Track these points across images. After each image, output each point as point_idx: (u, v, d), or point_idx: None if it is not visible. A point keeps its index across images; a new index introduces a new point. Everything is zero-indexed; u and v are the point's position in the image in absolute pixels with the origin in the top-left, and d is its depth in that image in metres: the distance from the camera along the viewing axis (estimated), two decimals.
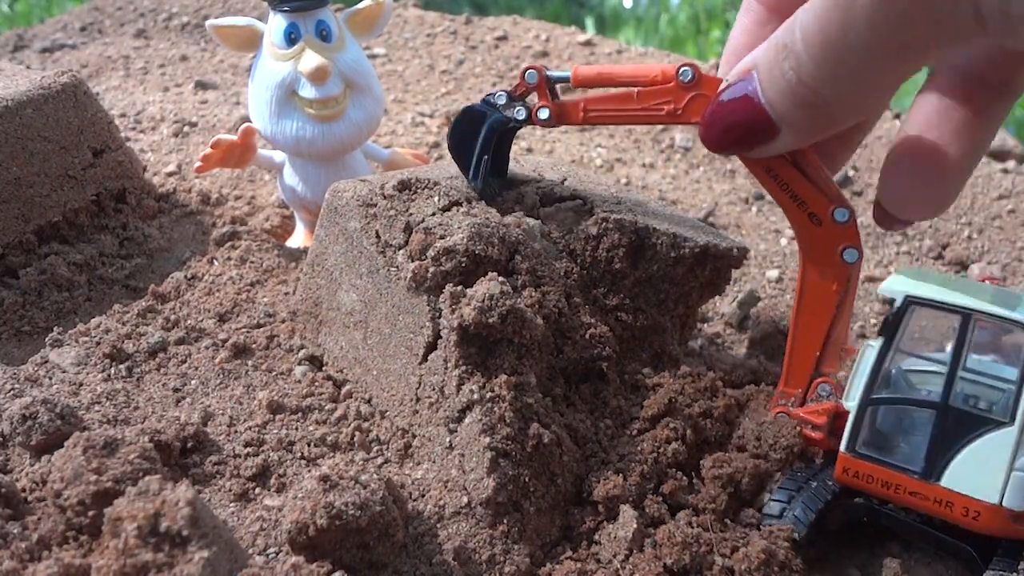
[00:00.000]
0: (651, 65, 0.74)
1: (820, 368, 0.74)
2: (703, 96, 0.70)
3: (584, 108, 0.77)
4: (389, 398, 0.82)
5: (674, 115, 0.72)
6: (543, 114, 0.79)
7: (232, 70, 1.95)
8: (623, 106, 0.75)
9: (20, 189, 1.05)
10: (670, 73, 0.71)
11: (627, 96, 0.74)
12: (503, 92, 0.81)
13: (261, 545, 0.68)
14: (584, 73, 0.76)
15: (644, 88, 0.73)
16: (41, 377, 0.85)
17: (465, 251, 0.75)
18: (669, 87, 0.72)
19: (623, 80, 0.75)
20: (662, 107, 0.72)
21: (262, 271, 1.06)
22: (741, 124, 0.62)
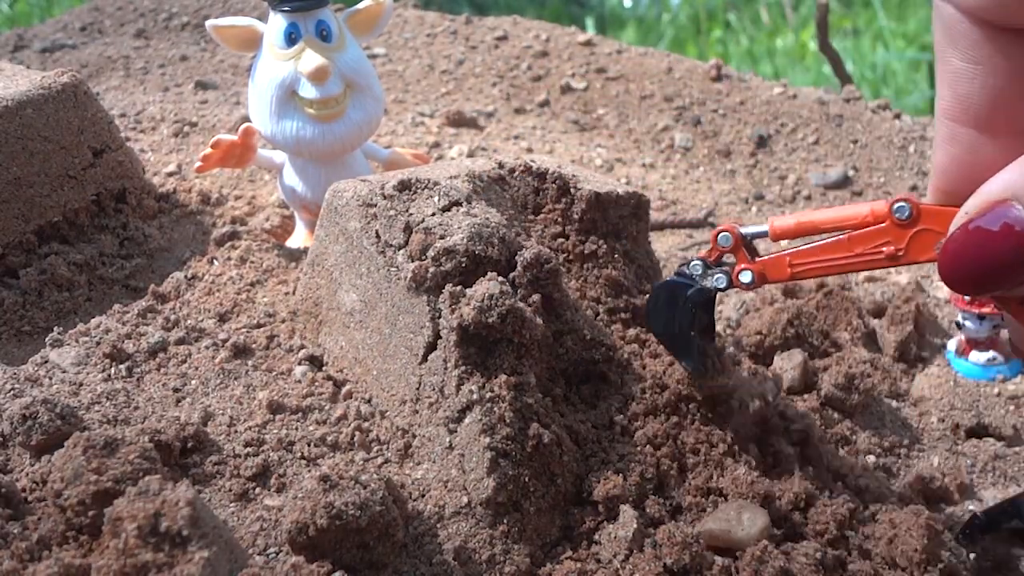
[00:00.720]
0: (857, 207, 0.67)
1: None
2: (929, 231, 0.62)
3: (791, 263, 0.70)
4: (389, 398, 0.82)
5: (896, 257, 0.64)
6: (745, 278, 0.72)
7: (232, 70, 1.96)
8: (836, 255, 0.67)
9: (20, 189, 1.05)
10: (882, 213, 0.64)
11: (839, 244, 0.67)
12: (698, 261, 0.74)
13: (261, 545, 0.69)
14: (783, 227, 0.69)
15: (856, 232, 0.66)
16: (41, 377, 0.85)
17: (465, 251, 0.75)
18: (885, 227, 0.64)
19: (828, 227, 0.68)
20: (880, 250, 0.65)
21: (262, 271, 1.06)
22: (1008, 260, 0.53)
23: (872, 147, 1.77)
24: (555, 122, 1.85)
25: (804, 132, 1.83)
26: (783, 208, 1.61)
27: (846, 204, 0.73)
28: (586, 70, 2.03)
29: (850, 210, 0.67)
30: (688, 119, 1.86)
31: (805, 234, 0.69)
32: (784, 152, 1.78)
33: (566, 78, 1.99)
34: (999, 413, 1.01)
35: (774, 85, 2.01)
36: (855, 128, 1.84)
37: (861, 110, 1.89)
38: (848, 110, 1.89)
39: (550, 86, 1.98)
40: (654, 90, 1.95)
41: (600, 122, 1.86)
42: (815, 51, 3.17)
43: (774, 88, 1.98)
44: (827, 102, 1.92)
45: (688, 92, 1.94)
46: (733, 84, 1.98)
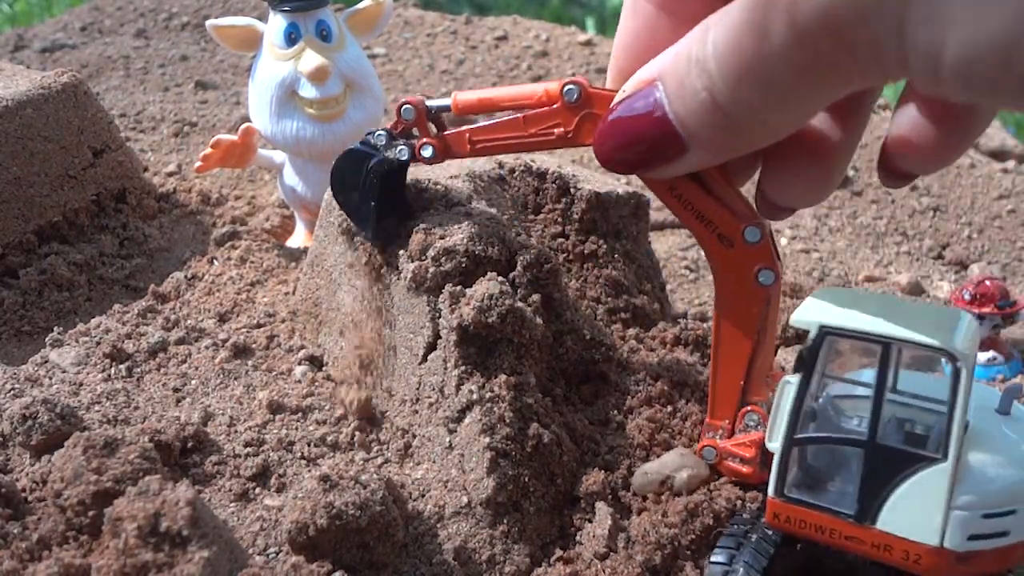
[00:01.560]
0: (534, 86, 0.67)
1: (747, 397, 0.68)
2: (595, 115, 0.63)
3: (470, 139, 0.71)
4: (389, 398, 0.82)
5: (566, 138, 0.65)
6: (426, 152, 0.73)
7: (232, 70, 1.96)
8: (512, 133, 0.68)
9: (20, 189, 1.05)
10: (554, 93, 0.65)
11: (515, 122, 0.68)
12: (383, 131, 0.74)
13: (261, 545, 0.68)
14: (465, 101, 0.70)
15: (531, 112, 0.67)
16: (41, 377, 0.85)
17: (465, 251, 0.75)
18: (556, 108, 0.65)
19: (506, 104, 0.68)
20: (552, 131, 0.66)
21: (262, 271, 1.06)
22: (644, 140, 0.55)
23: (872, 147, 1.77)
24: None
25: None
26: None
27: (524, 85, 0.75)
28: (586, 70, 2.03)
29: (527, 89, 0.67)
30: None
31: (486, 110, 0.70)
32: None
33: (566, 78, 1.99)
34: None
35: None
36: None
37: None
38: None
39: None
40: None
41: None
42: None
43: None
44: None
45: None
46: None
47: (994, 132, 1.84)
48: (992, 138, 1.82)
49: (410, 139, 0.74)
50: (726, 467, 0.69)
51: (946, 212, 1.58)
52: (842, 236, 1.51)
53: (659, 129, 0.54)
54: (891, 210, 1.59)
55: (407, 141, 0.74)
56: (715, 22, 0.50)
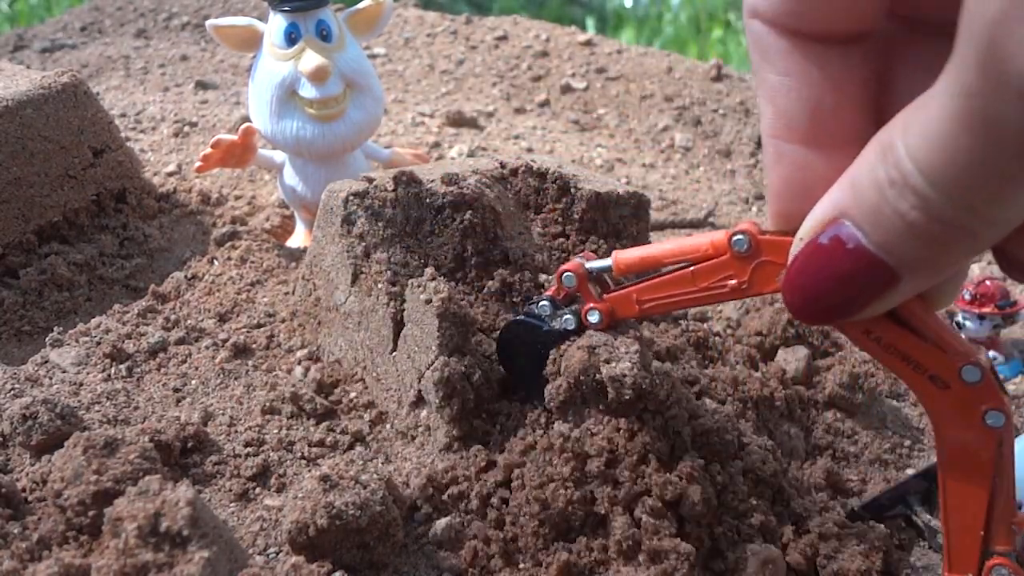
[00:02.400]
0: (697, 239, 0.64)
1: (990, 547, 0.62)
2: (770, 263, 0.60)
3: (637, 300, 0.67)
4: (389, 398, 0.82)
5: (742, 290, 0.62)
6: (593, 318, 0.70)
7: (232, 70, 1.96)
8: (681, 289, 0.65)
9: (20, 189, 1.05)
10: (722, 244, 0.61)
11: (683, 278, 0.64)
12: (546, 302, 0.72)
13: (261, 545, 0.68)
14: (626, 260, 0.67)
15: (699, 266, 0.63)
16: (41, 377, 0.85)
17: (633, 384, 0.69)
18: (726, 260, 0.61)
19: (670, 260, 0.65)
20: (725, 283, 0.62)
21: (262, 271, 1.06)
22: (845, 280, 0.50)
23: None
24: (555, 122, 1.84)
25: None
26: None
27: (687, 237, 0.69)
28: (586, 70, 2.03)
29: (691, 242, 0.64)
30: (688, 119, 1.86)
31: (648, 268, 0.67)
32: None
33: (566, 78, 1.99)
34: None
35: None
36: None
37: None
38: None
39: (550, 86, 1.98)
40: (654, 90, 1.95)
41: (600, 122, 1.86)
42: None
43: None
44: None
45: (688, 92, 1.94)
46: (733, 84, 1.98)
47: None
48: None
49: (575, 305, 0.71)
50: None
51: None
52: None
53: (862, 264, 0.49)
54: None
55: (572, 308, 0.71)
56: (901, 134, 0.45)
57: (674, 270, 0.65)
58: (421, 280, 0.78)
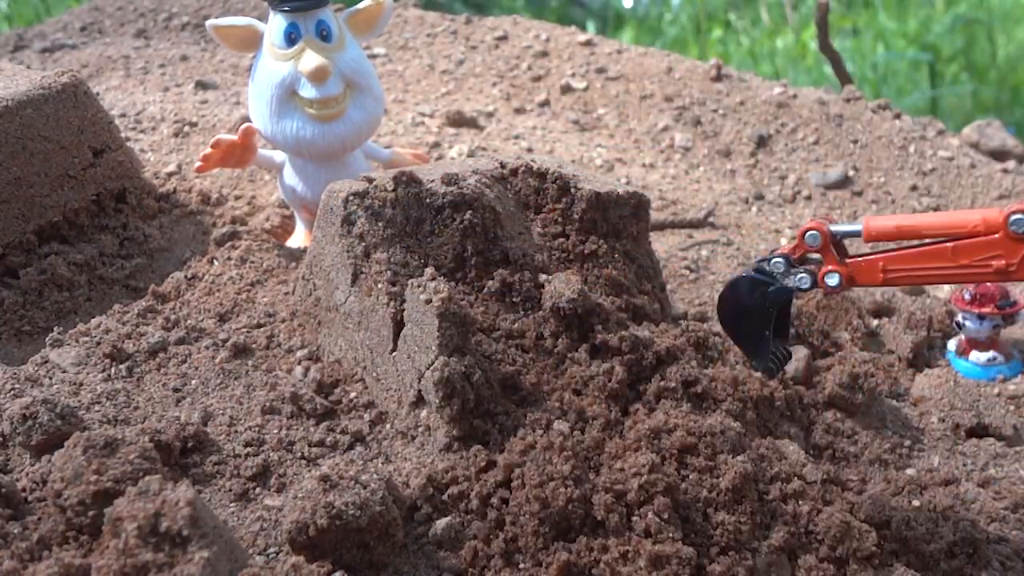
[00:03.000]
0: (967, 214, 0.62)
1: None
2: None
3: (884, 268, 0.65)
4: (389, 398, 0.82)
5: (1007, 273, 0.60)
6: (832, 280, 0.67)
7: (232, 70, 1.96)
8: (936, 264, 0.63)
9: (20, 189, 1.05)
10: (996, 222, 0.59)
11: (941, 252, 0.62)
12: (780, 259, 0.69)
13: (261, 545, 0.68)
14: (879, 227, 0.65)
15: (962, 242, 0.61)
16: (41, 377, 0.85)
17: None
18: (997, 239, 0.60)
19: (931, 233, 0.63)
20: (989, 263, 0.60)
21: (262, 271, 1.06)
22: None
23: (872, 147, 1.77)
24: (555, 122, 1.84)
25: (804, 132, 1.83)
26: (783, 208, 1.61)
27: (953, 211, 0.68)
28: (586, 70, 2.03)
29: (958, 216, 0.62)
30: (688, 119, 1.86)
31: (904, 238, 0.65)
32: (784, 152, 1.78)
33: (566, 78, 1.99)
34: (999, 413, 1.01)
35: (774, 85, 2.01)
36: (855, 128, 1.84)
37: (861, 110, 1.89)
38: (848, 110, 1.89)
39: (550, 86, 1.98)
40: (654, 90, 1.95)
41: (600, 122, 1.86)
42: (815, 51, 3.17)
43: (774, 88, 1.98)
44: (827, 102, 1.92)
45: (688, 92, 1.94)
46: (733, 84, 1.98)
47: (994, 132, 1.84)
48: (992, 138, 1.82)
49: (810, 265, 0.69)
50: None
51: None
52: None
53: None
54: (891, 210, 1.59)
55: (807, 268, 0.69)
56: None
57: (931, 243, 0.63)
58: (421, 280, 0.78)
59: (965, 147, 1.80)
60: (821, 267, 0.68)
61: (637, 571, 0.65)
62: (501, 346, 0.82)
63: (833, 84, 2.64)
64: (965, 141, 1.83)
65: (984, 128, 1.84)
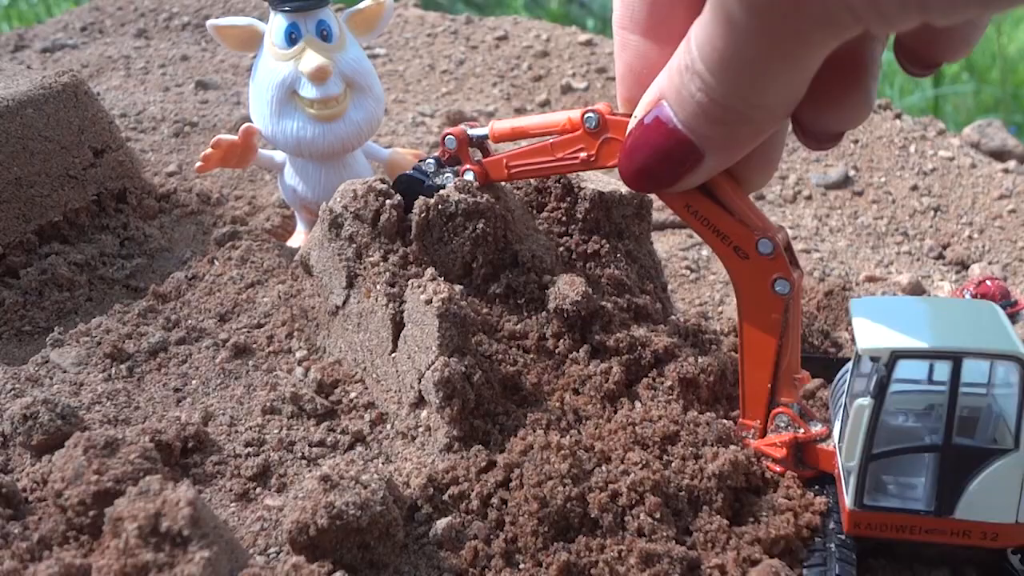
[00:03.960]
0: (559, 114, 0.73)
1: (776, 398, 0.72)
2: (614, 140, 0.69)
3: (507, 165, 0.78)
4: (389, 398, 0.82)
5: (589, 162, 0.71)
6: (469, 177, 0.82)
7: (232, 70, 1.96)
8: (542, 158, 0.75)
9: (21, 189, 1.05)
10: (576, 121, 0.71)
11: (544, 148, 0.74)
12: (432, 160, 0.83)
13: (262, 545, 0.68)
14: (500, 129, 0.77)
15: (558, 138, 0.73)
16: (42, 377, 0.85)
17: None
18: (579, 134, 0.71)
19: (535, 132, 0.75)
20: (577, 155, 0.72)
21: (262, 271, 1.06)
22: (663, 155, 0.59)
23: (872, 147, 1.77)
24: None
25: None
26: (783, 208, 1.61)
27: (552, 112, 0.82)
28: (586, 70, 2.03)
29: (553, 117, 0.73)
30: None
31: (518, 137, 0.76)
32: (784, 152, 1.78)
33: (566, 78, 1.99)
34: None
35: None
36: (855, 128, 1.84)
37: None
38: None
39: (550, 86, 1.98)
40: None
41: None
42: None
43: None
44: None
45: None
46: None
47: (995, 132, 1.84)
48: (993, 138, 1.82)
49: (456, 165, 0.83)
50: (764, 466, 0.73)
51: (947, 212, 1.58)
52: (843, 236, 1.51)
53: (674, 141, 0.57)
54: (891, 210, 1.59)
55: (452, 168, 0.83)
56: (694, 27, 0.52)
57: (538, 141, 0.75)
58: (421, 281, 0.78)
59: (966, 147, 1.80)
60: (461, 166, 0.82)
61: (629, 570, 0.65)
62: (503, 346, 0.82)
63: None
64: (966, 141, 1.83)
65: (985, 128, 1.84)
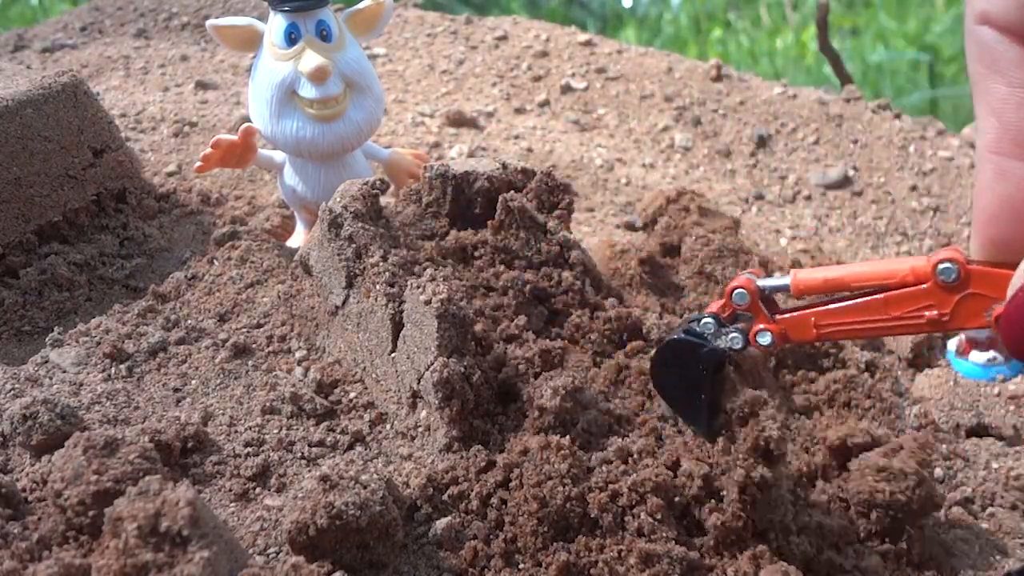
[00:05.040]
0: (897, 263, 0.60)
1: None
2: (978, 296, 0.56)
3: (816, 324, 0.63)
4: (388, 398, 0.82)
5: (939, 323, 0.58)
6: (764, 340, 0.65)
7: (232, 70, 1.96)
8: (869, 317, 0.61)
9: (20, 189, 1.05)
10: (924, 272, 0.57)
11: (873, 305, 0.60)
12: (710, 319, 0.67)
13: (261, 545, 0.68)
14: (807, 281, 0.62)
15: (893, 293, 0.59)
16: (41, 377, 0.85)
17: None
18: (927, 289, 0.58)
19: (859, 285, 0.61)
20: (922, 314, 0.58)
21: (262, 271, 1.06)
22: None
23: (872, 147, 1.78)
24: (555, 122, 1.84)
25: (804, 132, 1.83)
26: (783, 208, 1.61)
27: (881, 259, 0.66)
28: (586, 70, 2.03)
29: (886, 267, 0.60)
30: (688, 119, 1.86)
31: (833, 291, 0.63)
32: (784, 152, 1.78)
33: (566, 78, 1.99)
34: (999, 413, 1.01)
35: (774, 85, 2.01)
36: (855, 128, 1.84)
37: (861, 110, 1.89)
38: (848, 110, 1.89)
39: (550, 86, 1.98)
40: (654, 90, 1.95)
41: (600, 122, 1.86)
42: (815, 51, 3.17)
43: (774, 88, 1.98)
44: (827, 102, 1.92)
45: (688, 92, 1.94)
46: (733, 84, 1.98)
47: None
48: None
49: (741, 323, 0.67)
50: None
51: (946, 212, 1.58)
52: (842, 236, 1.51)
53: None
54: (891, 210, 1.59)
55: (739, 327, 0.66)
56: None
57: (861, 295, 0.61)
58: (420, 281, 0.78)
59: (965, 147, 1.80)
60: (752, 325, 0.66)
61: (629, 570, 0.65)
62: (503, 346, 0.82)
63: (833, 84, 2.64)
64: (965, 141, 1.83)
65: None
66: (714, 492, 0.69)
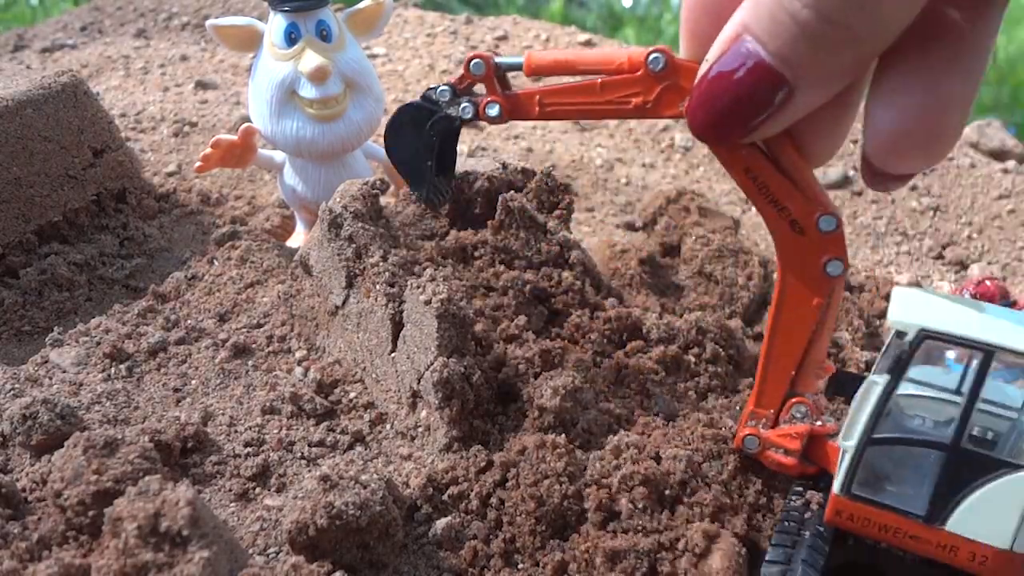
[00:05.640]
0: (616, 50, 0.64)
1: (795, 388, 0.66)
2: (677, 87, 0.61)
3: (540, 102, 0.67)
4: (388, 398, 0.82)
5: (643, 109, 0.63)
6: (492, 110, 0.69)
7: (232, 70, 1.96)
8: (585, 99, 0.65)
9: (20, 189, 1.05)
10: (638, 60, 0.61)
11: (590, 87, 0.64)
12: (446, 86, 0.70)
13: (261, 545, 0.68)
14: (540, 60, 0.66)
15: (609, 78, 0.63)
16: (41, 377, 0.85)
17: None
18: (637, 76, 0.62)
19: (584, 68, 0.65)
20: (629, 100, 0.63)
21: (262, 271, 1.06)
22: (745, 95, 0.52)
23: None
24: (555, 122, 1.85)
25: None
26: None
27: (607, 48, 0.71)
28: None
29: (608, 53, 0.64)
30: None
31: (561, 72, 0.66)
32: None
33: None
34: None
35: None
36: (855, 128, 1.84)
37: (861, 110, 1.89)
38: None
39: None
40: None
41: (600, 122, 1.86)
42: None
43: None
44: None
45: None
46: None
47: (994, 132, 1.84)
48: (992, 138, 1.82)
49: (474, 96, 0.70)
50: (768, 457, 0.68)
51: (946, 212, 1.58)
52: None
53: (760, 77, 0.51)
54: (891, 210, 1.59)
55: (471, 98, 0.70)
56: None
57: (584, 79, 0.65)
58: (420, 281, 0.78)
59: (965, 147, 1.80)
60: (483, 98, 0.69)
61: (596, 569, 0.65)
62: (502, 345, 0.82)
63: None
64: (965, 141, 1.83)
65: (984, 128, 1.84)
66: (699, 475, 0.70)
